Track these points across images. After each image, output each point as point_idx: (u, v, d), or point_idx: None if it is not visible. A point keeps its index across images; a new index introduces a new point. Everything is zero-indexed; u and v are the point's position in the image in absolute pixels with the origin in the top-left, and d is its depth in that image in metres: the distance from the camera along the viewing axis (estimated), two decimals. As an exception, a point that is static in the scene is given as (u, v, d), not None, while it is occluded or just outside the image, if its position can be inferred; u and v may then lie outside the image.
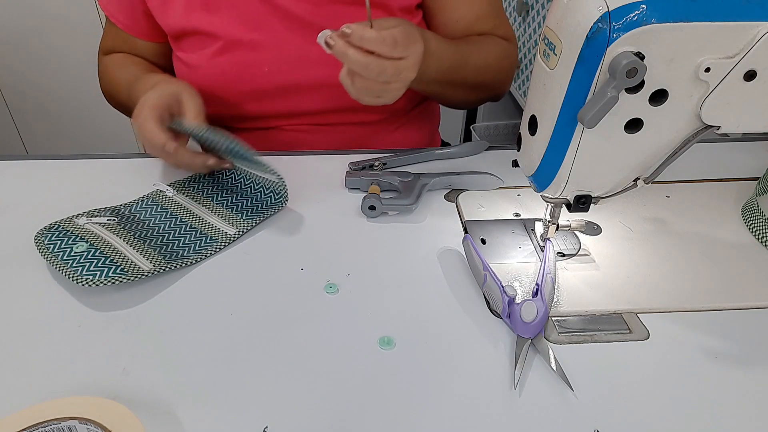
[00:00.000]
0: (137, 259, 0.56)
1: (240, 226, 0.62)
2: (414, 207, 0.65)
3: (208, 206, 0.66)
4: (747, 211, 0.64)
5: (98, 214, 0.62)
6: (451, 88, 0.76)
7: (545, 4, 1.41)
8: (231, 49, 0.73)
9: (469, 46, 0.75)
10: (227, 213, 0.64)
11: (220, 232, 0.62)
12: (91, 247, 0.56)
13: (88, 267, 0.54)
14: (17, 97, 1.91)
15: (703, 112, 0.45)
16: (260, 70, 0.74)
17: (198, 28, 0.73)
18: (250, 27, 0.73)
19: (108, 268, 0.54)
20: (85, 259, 0.55)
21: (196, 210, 0.65)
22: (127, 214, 0.63)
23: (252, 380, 0.47)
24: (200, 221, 0.63)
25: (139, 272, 0.54)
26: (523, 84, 1.60)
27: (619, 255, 0.59)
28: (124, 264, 0.55)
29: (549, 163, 0.50)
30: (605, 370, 0.47)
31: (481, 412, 0.44)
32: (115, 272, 0.54)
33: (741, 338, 0.50)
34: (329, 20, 0.71)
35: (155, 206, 0.65)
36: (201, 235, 0.61)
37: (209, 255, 0.59)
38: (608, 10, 0.40)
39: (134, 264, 0.55)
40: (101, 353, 0.49)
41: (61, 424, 0.40)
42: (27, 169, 0.73)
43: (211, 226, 0.63)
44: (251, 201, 0.66)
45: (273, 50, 0.73)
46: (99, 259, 0.55)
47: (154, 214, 0.64)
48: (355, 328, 0.51)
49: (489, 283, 0.52)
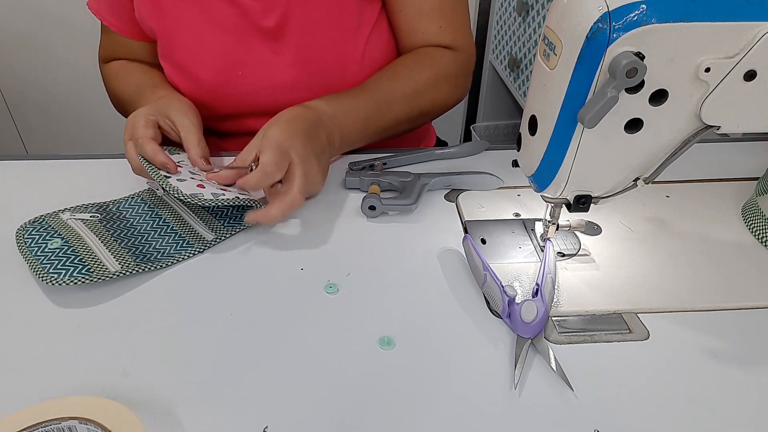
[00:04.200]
0: (106, 260, 0.56)
1: (219, 233, 0.62)
2: (414, 207, 0.65)
3: (194, 210, 0.65)
4: (747, 211, 0.64)
5: (84, 210, 0.62)
6: (387, 130, 0.74)
7: (545, 4, 1.41)
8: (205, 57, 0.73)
9: (390, 83, 0.73)
10: (210, 218, 0.64)
11: (198, 237, 0.61)
12: (65, 244, 0.57)
13: (56, 265, 0.54)
14: (17, 97, 1.91)
15: (703, 112, 0.45)
16: (234, 74, 0.74)
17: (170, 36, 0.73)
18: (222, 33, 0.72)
19: (75, 267, 0.54)
20: (56, 257, 0.55)
21: (181, 212, 0.65)
22: (114, 212, 0.64)
23: (252, 380, 0.47)
24: (182, 224, 0.63)
25: (105, 273, 0.54)
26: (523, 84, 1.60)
27: (619, 255, 0.59)
28: (92, 264, 0.55)
29: (549, 163, 0.50)
30: (605, 370, 0.47)
31: (481, 412, 0.44)
32: (81, 272, 0.54)
33: (741, 338, 0.50)
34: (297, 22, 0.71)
35: (143, 205, 0.65)
36: (179, 238, 0.61)
37: (181, 260, 0.58)
38: (608, 10, 0.40)
39: (102, 264, 0.55)
40: (101, 353, 0.49)
41: (61, 424, 0.40)
42: (27, 169, 0.73)
43: (191, 230, 0.62)
44: (234, 210, 0.65)
45: (246, 55, 0.73)
46: (69, 257, 0.55)
47: (140, 212, 0.64)
48: (355, 328, 0.51)
49: (489, 283, 0.52)
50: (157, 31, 0.74)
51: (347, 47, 0.74)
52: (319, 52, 0.73)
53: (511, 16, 1.62)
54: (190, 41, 0.73)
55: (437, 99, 0.77)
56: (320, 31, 0.72)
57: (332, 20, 0.72)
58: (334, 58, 0.74)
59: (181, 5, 0.72)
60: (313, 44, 0.73)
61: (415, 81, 0.74)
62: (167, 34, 0.74)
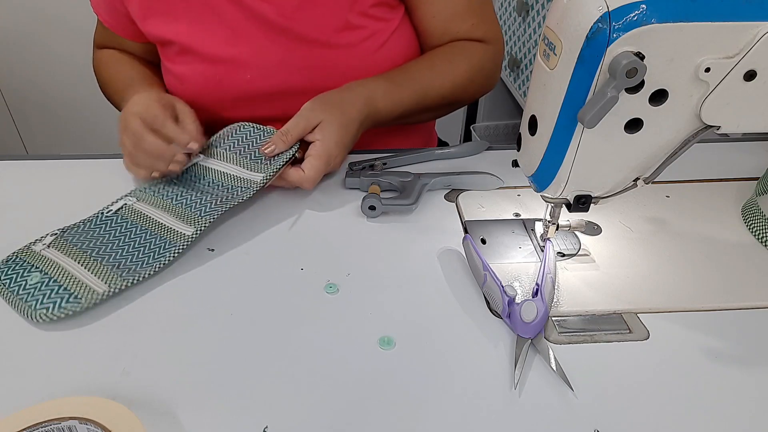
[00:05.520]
0: (91, 282, 0.54)
1: (197, 224, 0.60)
2: (414, 207, 0.65)
3: (167, 208, 0.64)
4: (747, 211, 0.64)
5: (52, 235, 0.60)
6: (417, 116, 0.77)
7: (545, 4, 1.41)
8: (213, 58, 0.73)
9: (432, 73, 0.75)
10: (185, 212, 0.62)
11: (177, 234, 0.60)
12: (44, 276, 0.55)
13: (41, 300, 0.52)
14: (17, 97, 1.91)
15: (703, 112, 0.45)
16: (243, 78, 0.74)
17: (177, 39, 0.73)
18: (230, 35, 0.72)
19: (61, 297, 0.52)
20: (39, 291, 0.53)
21: (155, 215, 0.63)
22: (85, 231, 0.61)
23: (252, 380, 0.47)
24: (158, 227, 0.61)
25: (93, 297, 0.53)
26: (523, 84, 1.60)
27: (619, 255, 0.59)
28: (78, 290, 0.53)
29: (549, 163, 0.50)
30: (605, 370, 0.47)
31: (481, 412, 0.44)
32: (68, 301, 0.52)
33: (741, 338, 0.50)
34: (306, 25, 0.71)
35: (116, 217, 0.63)
36: (160, 241, 0.59)
37: (167, 263, 0.57)
38: (608, 10, 0.40)
39: (88, 288, 0.53)
40: (101, 353, 0.49)
41: (61, 424, 0.40)
42: (27, 169, 0.73)
43: (168, 229, 0.61)
44: (210, 196, 0.64)
45: (254, 58, 0.73)
46: (52, 289, 0.53)
47: (113, 227, 0.62)
48: (355, 328, 0.51)
49: (489, 283, 0.52)
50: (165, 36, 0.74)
51: (359, 53, 0.74)
52: (329, 56, 0.73)
53: (511, 16, 1.62)
54: (198, 43, 0.73)
55: (469, 90, 0.79)
56: (331, 36, 0.72)
57: (344, 26, 0.72)
58: (344, 62, 0.74)
59: (190, 10, 0.72)
60: (323, 49, 0.73)
61: (452, 74, 0.76)
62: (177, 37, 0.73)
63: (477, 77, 0.78)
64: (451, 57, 0.77)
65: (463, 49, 0.77)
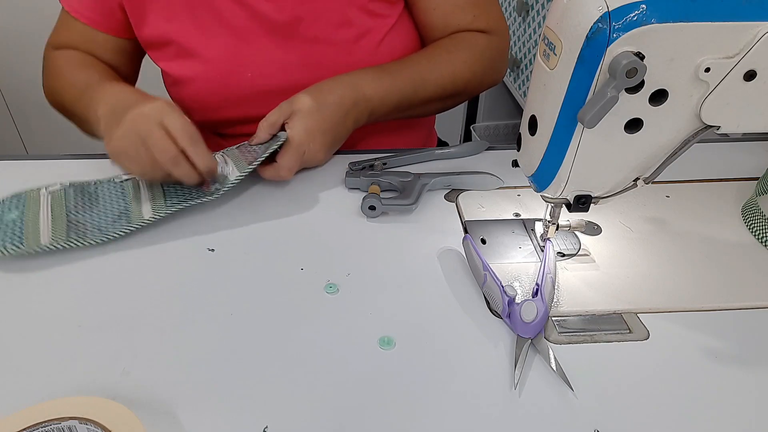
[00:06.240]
0: (43, 232, 0.58)
1: (156, 211, 0.61)
2: (414, 207, 0.65)
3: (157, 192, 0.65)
4: (747, 211, 0.64)
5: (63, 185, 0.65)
6: (418, 108, 0.76)
7: (545, 4, 1.41)
8: (213, 58, 0.73)
9: (429, 64, 0.74)
10: (157, 196, 0.64)
11: (137, 214, 0.61)
12: (20, 216, 0.59)
13: (0, 235, 0.57)
14: (17, 97, 1.91)
15: (703, 112, 0.45)
16: (243, 77, 0.74)
17: (178, 38, 0.72)
18: (231, 34, 0.72)
19: (11, 239, 0.57)
20: (8, 227, 0.58)
21: (142, 192, 0.65)
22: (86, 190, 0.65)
23: (252, 380, 0.47)
24: (137, 202, 0.63)
25: (35, 244, 0.56)
26: (523, 84, 1.60)
27: (619, 255, 0.59)
28: (29, 236, 0.57)
29: (549, 163, 0.50)
30: (605, 370, 0.47)
31: (481, 412, 0.44)
32: (13, 243, 0.56)
33: (741, 338, 0.50)
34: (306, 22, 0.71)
35: (119, 186, 0.66)
36: (121, 215, 0.61)
37: (112, 237, 0.59)
38: (608, 10, 0.40)
39: (35, 238, 0.57)
40: (101, 353, 0.49)
41: (61, 424, 0.40)
42: (27, 169, 0.73)
43: (137, 208, 0.62)
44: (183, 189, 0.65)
45: (255, 56, 0.73)
46: (14, 230, 0.58)
47: (109, 194, 0.65)
48: (355, 328, 0.51)
49: (489, 283, 0.52)
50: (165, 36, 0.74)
51: (359, 49, 0.74)
52: (329, 54, 0.73)
53: (511, 16, 1.62)
54: (199, 43, 0.73)
55: (472, 81, 0.78)
56: (331, 33, 0.72)
57: (343, 22, 0.72)
58: (345, 60, 0.74)
59: (191, 9, 0.71)
60: (323, 46, 0.73)
61: (452, 64, 0.75)
62: (177, 37, 0.73)
63: (478, 67, 0.77)
64: (451, 47, 0.76)
65: (464, 39, 0.77)
